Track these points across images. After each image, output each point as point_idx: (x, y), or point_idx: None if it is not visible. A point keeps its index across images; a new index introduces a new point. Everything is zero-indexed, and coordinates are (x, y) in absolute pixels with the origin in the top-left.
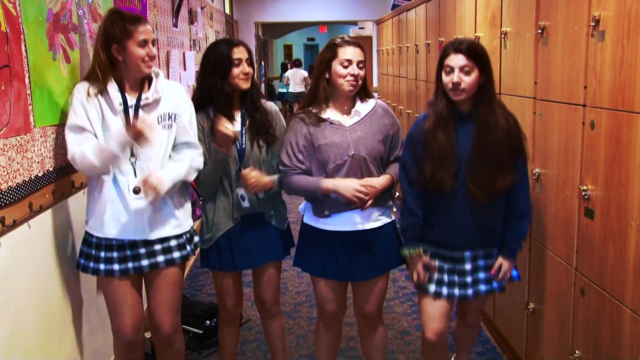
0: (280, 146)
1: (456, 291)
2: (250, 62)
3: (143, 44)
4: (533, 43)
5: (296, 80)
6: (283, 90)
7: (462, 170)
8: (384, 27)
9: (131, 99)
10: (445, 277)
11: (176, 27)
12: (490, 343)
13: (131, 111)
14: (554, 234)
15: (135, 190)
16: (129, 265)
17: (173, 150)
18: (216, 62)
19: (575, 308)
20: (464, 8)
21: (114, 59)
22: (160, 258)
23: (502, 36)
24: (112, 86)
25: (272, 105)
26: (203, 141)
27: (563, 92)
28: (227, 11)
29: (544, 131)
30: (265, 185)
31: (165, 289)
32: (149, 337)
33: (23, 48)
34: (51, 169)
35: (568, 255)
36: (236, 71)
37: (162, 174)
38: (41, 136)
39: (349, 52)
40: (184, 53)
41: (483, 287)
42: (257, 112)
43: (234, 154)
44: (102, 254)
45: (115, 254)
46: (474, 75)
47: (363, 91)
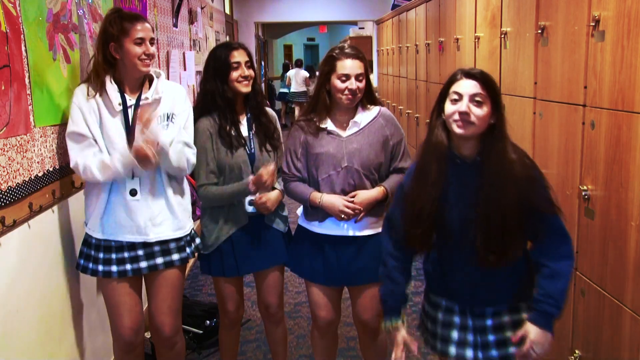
0: (279, 152)
1: (480, 354)
2: (250, 65)
3: (139, 42)
4: (533, 43)
5: (297, 80)
6: (285, 90)
7: (460, 228)
8: (384, 27)
9: (131, 100)
10: (468, 337)
11: (176, 27)
12: None
13: (130, 111)
14: None
15: (132, 192)
16: (127, 267)
17: None
18: (215, 67)
19: (575, 308)
20: (464, 8)
21: (113, 58)
22: (159, 260)
23: (502, 36)
24: (112, 86)
25: (271, 110)
26: (211, 147)
27: (563, 92)
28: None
29: (544, 131)
30: (277, 199)
31: (165, 291)
32: (150, 337)
33: (23, 48)
34: (51, 169)
35: None
36: (235, 74)
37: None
38: (41, 136)
39: (347, 66)
40: (184, 53)
41: (495, 353)
42: (262, 116)
43: (245, 159)
44: (101, 255)
45: (113, 256)
46: (486, 109)
47: (366, 99)
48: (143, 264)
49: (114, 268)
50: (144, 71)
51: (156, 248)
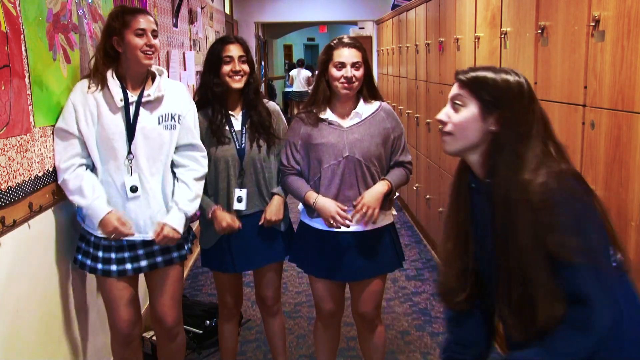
0: (280, 147)
1: None
2: (245, 60)
3: (141, 33)
4: (533, 43)
5: (300, 79)
6: (289, 89)
7: (490, 279)
8: (384, 27)
9: (132, 96)
10: None
11: (176, 27)
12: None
13: (132, 108)
14: None
15: (132, 188)
16: (127, 267)
17: (176, 152)
18: (210, 60)
19: None
20: (464, 8)
21: (116, 53)
22: (159, 258)
23: (502, 36)
24: (114, 82)
25: (274, 105)
26: (202, 140)
27: (563, 92)
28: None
29: None
30: (279, 205)
31: (166, 283)
32: (150, 337)
33: (23, 48)
34: (51, 169)
35: None
36: (226, 69)
37: (174, 220)
38: (41, 136)
39: (343, 54)
40: (184, 53)
41: None
42: (255, 112)
43: (234, 153)
44: (100, 254)
45: (113, 255)
46: (467, 112)
47: (368, 92)
48: (143, 263)
49: (114, 267)
50: (147, 64)
51: (156, 247)
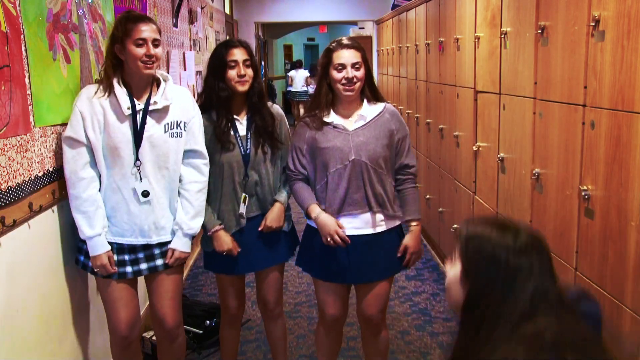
0: (285, 152)
1: None
2: (250, 64)
3: (141, 43)
4: (533, 43)
5: (298, 80)
6: (290, 89)
7: None
8: (384, 27)
9: (139, 104)
10: None
11: (176, 27)
12: None
13: (139, 116)
14: (554, 234)
15: (144, 193)
16: (128, 269)
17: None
18: (214, 64)
19: None
20: (464, 8)
21: (120, 60)
22: (159, 262)
23: (502, 36)
24: (120, 90)
25: (278, 109)
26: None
27: (563, 92)
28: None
29: (544, 131)
30: (279, 213)
31: (166, 284)
32: (150, 337)
33: (23, 48)
34: (51, 169)
35: (568, 255)
36: (232, 73)
37: (180, 245)
38: (41, 136)
39: (342, 56)
40: (184, 53)
41: None
42: (259, 117)
43: (239, 159)
44: None
45: (114, 257)
46: (453, 270)
47: (371, 94)
48: (143, 266)
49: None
50: (147, 73)
51: (156, 250)
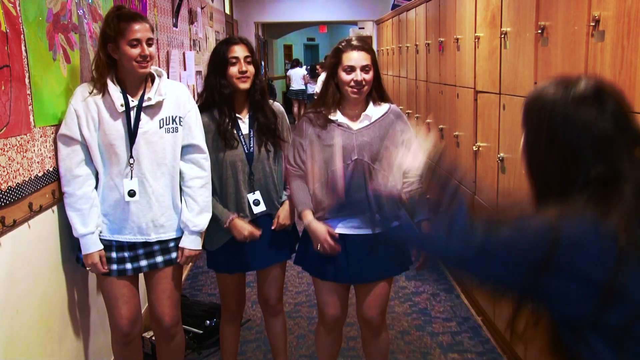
0: (286, 149)
1: None
2: (251, 61)
3: (135, 43)
4: (533, 43)
5: (296, 78)
6: (290, 88)
7: None
8: (384, 27)
9: (133, 101)
10: None
11: (176, 27)
12: (490, 343)
13: (133, 113)
14: None
15: (130, 193)
16: (128, 266)
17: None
18: (215, 61)
19: None
20: (464, 8)
21: (113, 59)
22: (159, 259)
23: (502, 36)
24: (114, 87)
25: (279, 106)
26: (209, 144)
27: None
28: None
29: None
30: (288, 210)
31: (164, 282)
32: (150, 337)
33: (23, 48)
34: (51, 169)
35: None
36: (233, 70)
37: (189, 243)
38: (41, 136)
39: (352, 58)
40: (184, 53)
41: None
42: (261, 114)
43: (242, 157)
44: None
45: (113, 255)
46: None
47: (377, 94)
48: (143, 263)
49: (114, 267)
50: (142, 72)
51: (156, 247)
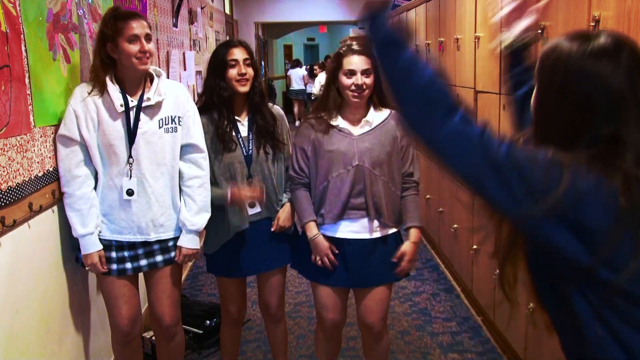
0: (286, 152)
1: None
2: (250, 63)
3: (134, 40)
4: None
5: (296, 79)
6: (290, 88)
7: None
8: None
9: (132, 101)
10: None
11: (176, 27)
12: (490, 343)
13: (132, 113)
14: None
15: (128, 192)
16: (127, 265)
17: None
18: (214, 64)
19: None
20: (464, 8)
21: (112, 59)
22: (158, 258)
23: None
24: (113, 87)
25: (278, 109)
26: (208, 145)
27: None
28: (227, 11)
29: None
30: (289, 212)
31: (164, 282)
32: (150, 337)
33: (23, 48)
34: (51, 169)
35: None
36: (232, 72)
37: (187, 242)
38: (41, 136)
39: (352, 62)
40: (184, 53)
41: None
42: (260, 117)
43: (241, 159)
44: None
45: (113, 254)
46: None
47: (378, 99)
48: (143, 262)
49: (114, 266)
50: (142, 69)
51: (155, 247)
